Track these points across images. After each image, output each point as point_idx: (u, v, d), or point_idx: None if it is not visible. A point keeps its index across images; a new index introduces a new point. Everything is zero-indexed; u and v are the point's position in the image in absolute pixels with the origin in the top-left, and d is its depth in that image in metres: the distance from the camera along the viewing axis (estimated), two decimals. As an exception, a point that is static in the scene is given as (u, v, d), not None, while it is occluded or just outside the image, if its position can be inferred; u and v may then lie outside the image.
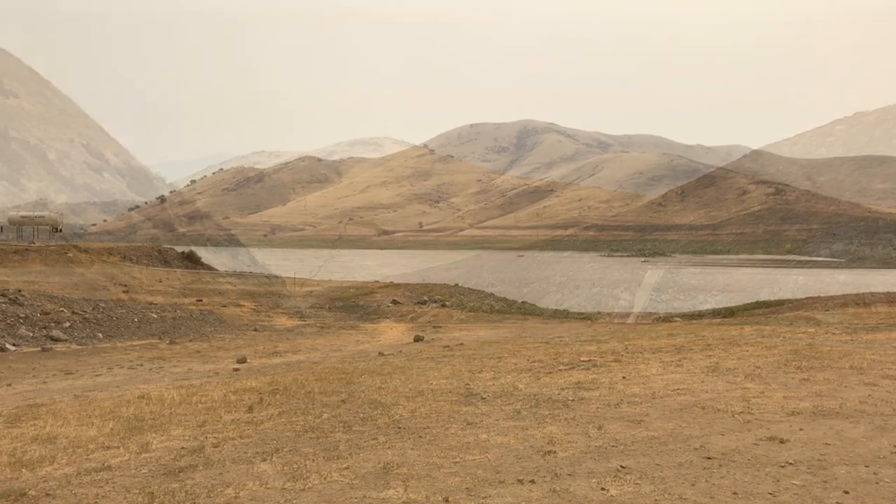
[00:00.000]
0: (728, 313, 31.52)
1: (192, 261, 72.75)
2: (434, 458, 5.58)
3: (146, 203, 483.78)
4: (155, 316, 27.52)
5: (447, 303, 38.04)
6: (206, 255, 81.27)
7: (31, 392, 14.45)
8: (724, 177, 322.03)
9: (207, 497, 4.89)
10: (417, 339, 23.22)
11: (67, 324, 24.08)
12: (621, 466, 5.15)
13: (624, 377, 8.84)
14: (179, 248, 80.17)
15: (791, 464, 5.03)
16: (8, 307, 24.62)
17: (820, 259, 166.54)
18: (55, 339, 22.57)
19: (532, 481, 4.92)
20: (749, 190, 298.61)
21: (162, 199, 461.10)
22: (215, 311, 31.13)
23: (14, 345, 21.39)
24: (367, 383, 9.91)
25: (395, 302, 36.85)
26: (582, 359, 10.91)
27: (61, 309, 25.81)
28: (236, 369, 16.66)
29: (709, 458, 5.26)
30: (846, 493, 4.44)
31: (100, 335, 23.88)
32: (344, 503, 4.67)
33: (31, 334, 22.62)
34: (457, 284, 50.08)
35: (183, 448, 6.42)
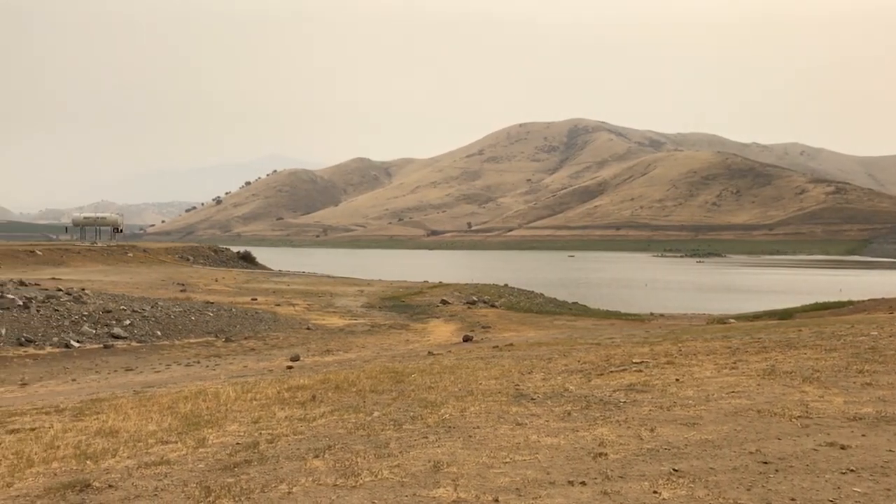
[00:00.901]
0: (785, 315, 30.69)
1: (247, 260, 74.36)
2: (484, 457, 5.59)
3: (202, 204, 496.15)
4: (211, 314, 28.14)
5: (496, 303, 37.95)
6: (260, 254, 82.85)
7: (93, 387, 14.96)
8: (781, 175, 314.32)
9: (262, 492, 4.98)
10: (467, 339, 23.24)
11: (128, 321, 24.80)
12: (674, 470, 5.07)
13: (677, 379, 8.70)
14: (235, 248, 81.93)
15: (852, 470, 4.88)
16: (72, 305, 25.49)
17: (883, 260, 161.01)
18: (116, 337, 23.29)
19: (583, 483, 4.89)
20: (807, 189, 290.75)
21: (218, 201, 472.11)
22: (269, 310, 31.68)
23: (78, 341, 22.15)
24: (416, 382, 9.96)
25: (444, 302, 36.93)
26: (634, 360, 10.77)
27: (122, 307, 26.60)
28: (290, 367, 16.95)
29: (765, 462, 5.14)
30: (910, 501, 4.29)
31: (158, 333, 24.53)
32: (394, 501, 4.71)
33: (94, 331, 23.38)
34: (506, 285, 49.91)
35: (238, 444, 6.56)
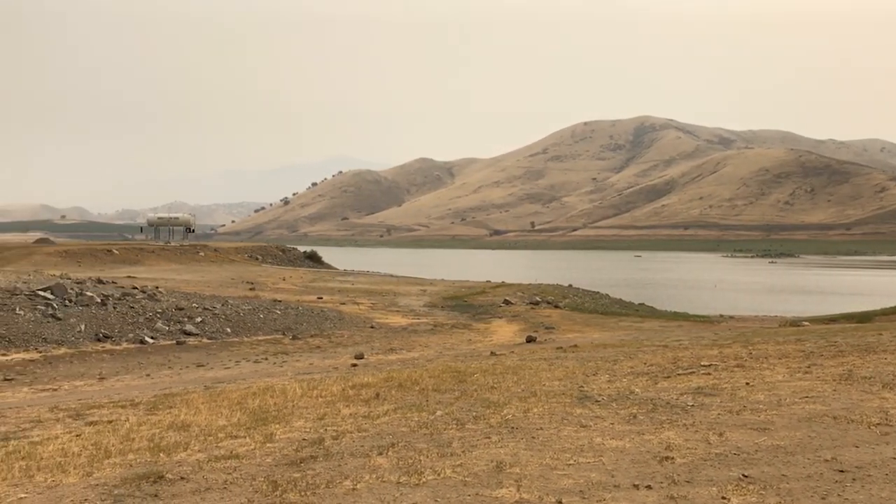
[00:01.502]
0: (863, 318, 29.46)
1: (313, 260, 75.75)
2: (547, 459, 5.55)
3: (271, 205, 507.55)
4: (279, 312, 28.74)
5: (560, 303, 37.60)
6: (326, 254, 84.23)
7: (166, 382, 15.46)
8: (859, 173, 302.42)
9: (327, 488, 5.06)
10: (530, 340, 23.09)
11: (199, 319, 25.55)
12: (744, 475, 4.94)
13: (747, 383, 8.46)
14: (301, 248, 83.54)
15: (935, 481, 4.66)
16: (147, 302, 26.42)
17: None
18: (188, 333, 24.02)
19: (648, 486, 4.81)
20: (888, 186, 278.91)
21: (286, 202, 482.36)
22: (335, 309, 32.17)
23: (152, 338, 22.95)
24: (479, 382, 9.95)
25: (506, 302, 36.80)
26: (702, 363, 10.52)
27: (194, 305, 27.43)
28: (354, 365, 17.16)
29: (841, 471, 4.95)
30: None
31: (228, 330, 25.19)
32: (457, 500, 4.72)
33: (167, 328, 24.18)
34: (570, 285, 49.40)
35: (304, 439, 6.68)
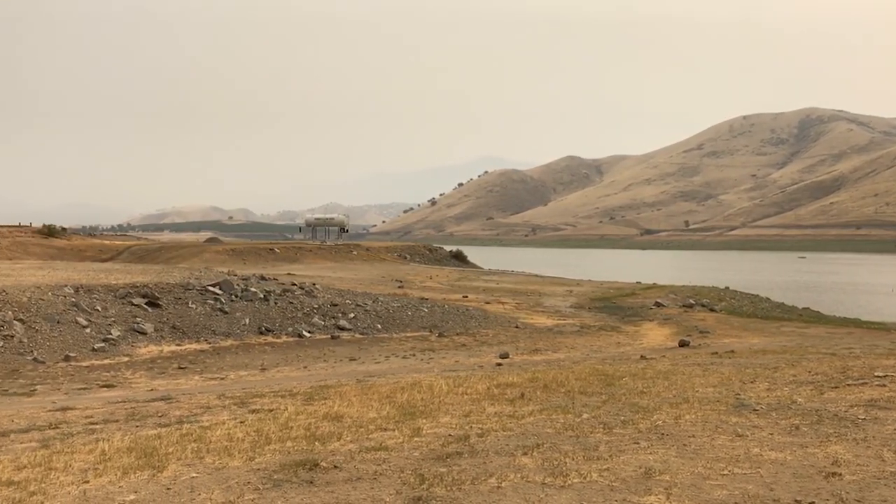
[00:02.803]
0: None
1: (459, 259, 77.04)
2: (699, 468, 5.31)
3: (419, 205, 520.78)
4: (426, 310, 29.42)
5: (716, 307, 35.88)
6: (471, 253, 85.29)
7: (322, 374, 16.26)
8: None
9: (472, 484, 5.11)
10: (682, 344, 22.21)
11: (352, 315, 26.67)
12: (925, 499, 4.49)
13: (930, 397, 7.69)
14: (447, 247, 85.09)
15: None
16: (304, 298, 27.89)
17: None
18: (341, 329, 25.15)
19: (812, 503, 4.48)
20: None
21: (433, 202, 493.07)
22: (479, 308, 32.48)
23: (309, 332, 24.22)
24: (628, 386, 9.71)
25: (658, 304, 35.60)
26: (876, 374, 9.68)
27: (347, 301, 28.65)
28: (499, 364, 17.26)
29: None
30: None
31: (378, 326, 26.12)
32: (603, 505, 4.62)
33: (323, 323, 25.44)
34: (727, 287, 46.99)
35: (450, 435, 6.78)
